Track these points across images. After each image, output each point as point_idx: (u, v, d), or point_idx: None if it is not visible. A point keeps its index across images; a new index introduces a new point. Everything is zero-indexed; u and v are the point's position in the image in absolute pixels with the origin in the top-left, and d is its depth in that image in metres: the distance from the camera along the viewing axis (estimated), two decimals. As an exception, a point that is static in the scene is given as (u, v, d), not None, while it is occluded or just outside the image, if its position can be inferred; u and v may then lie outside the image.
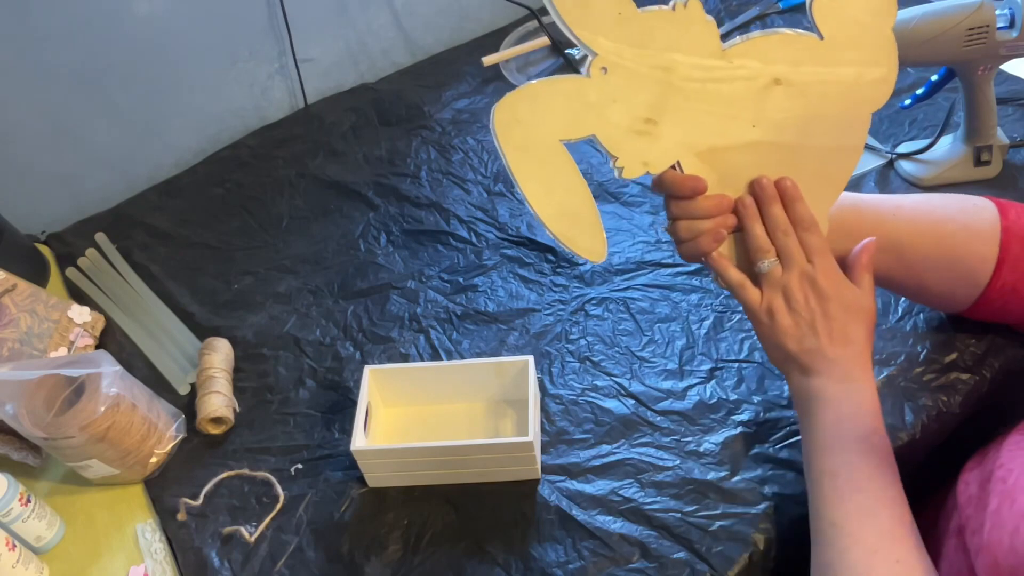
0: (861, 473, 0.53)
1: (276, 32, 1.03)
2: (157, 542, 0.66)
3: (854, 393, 0.56)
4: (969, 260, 0.60)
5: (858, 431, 0.55)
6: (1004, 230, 0.59)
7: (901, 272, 0.62)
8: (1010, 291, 0.60)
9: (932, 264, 0.61)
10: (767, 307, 0.58)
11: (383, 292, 0.83)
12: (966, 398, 0.66)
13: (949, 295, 0.64)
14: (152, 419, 0.68)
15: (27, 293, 0.78)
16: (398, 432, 0.70)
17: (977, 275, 0.60)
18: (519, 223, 0.88)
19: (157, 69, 0.97)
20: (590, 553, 0.61)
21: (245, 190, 0.98)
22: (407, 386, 0.70)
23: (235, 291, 0.86)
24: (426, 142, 1.01)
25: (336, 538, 0.64)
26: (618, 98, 0.52)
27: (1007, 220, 0.59)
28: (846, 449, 0.54)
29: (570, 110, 0.52)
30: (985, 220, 0.60)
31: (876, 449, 0.54)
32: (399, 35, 1.15)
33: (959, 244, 0.60)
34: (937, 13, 0.72)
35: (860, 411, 0.55)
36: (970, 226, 0.60)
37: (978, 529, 0.52)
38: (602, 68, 0.51)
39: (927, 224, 0.61)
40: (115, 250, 0.91)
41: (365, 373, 0.67)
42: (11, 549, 0.61)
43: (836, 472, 0.54)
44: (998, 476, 0.53)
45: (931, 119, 0.90)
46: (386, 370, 0.69)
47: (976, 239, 0.60)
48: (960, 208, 0.61)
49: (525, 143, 0.52)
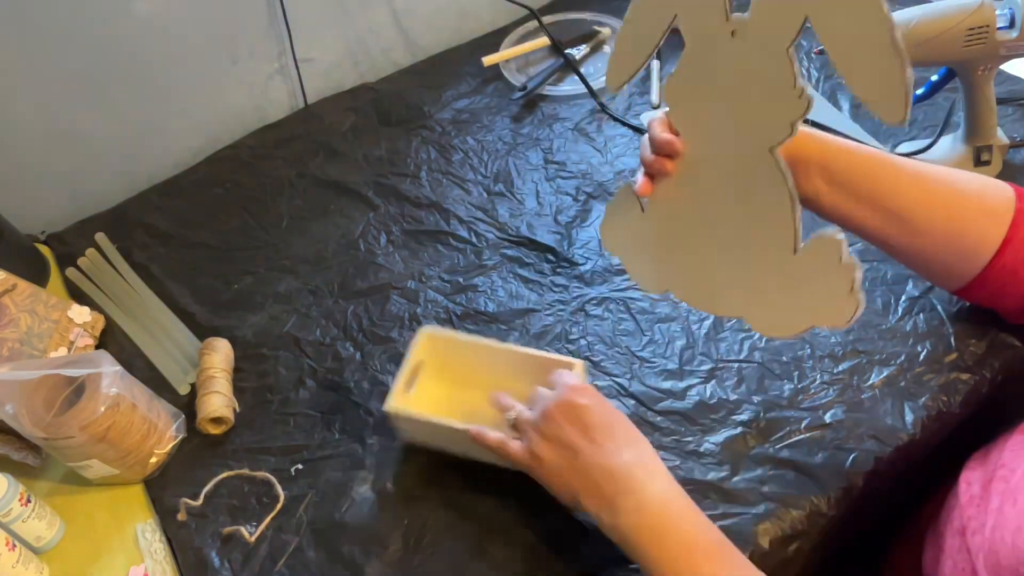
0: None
1: (276, 32, 1.03)
2: (157, 542, 0.66)
3: (654, 499, 0.53)
4: (975, 236, 0.60)
5: (685, 540, 0.51)
6: (1018, 211, 0.59)
7: (904, 238, 0.62)
8: (1010, 273, 0.60)
9: (938, 235, 0.61)
10: (529, 452, 0.58)
11: (383, 292, 0.83)
12: (966, 398, 0.66)
13: (947, 269, 0.63)
14: (152, 419, 0.68)
15: (27, 293, 0.78)
16: (434, 400, 0.70)
17: (980, 253, 0.60)
18: (519, 223, 0.88)
19: (157, 69, 0.97)
20: (591, 553, 0.60)
21: (245, 190, 0.98)
22: (455, 357, 0.70)
23: (235, 291, 0.86)
24: (426, 142, 1.01)
25: (336, 538, 0.64)
26: None
27: (1022, 202, 0.59)
28: (684, 570, 0.51)
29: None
30: (1001, 200, 0.60)
31: (709, 552, 0.51)
32: (399, 35, 1.15)
33: (969, 220, 0.60)
34: (937, 13, 0.72)
35: (672, 519, 0.52)
36: (984, 203, 0.60)
37: (979, 529, 0.52)
38: None
39: (942, 195, 0.60)
40: (115, 250, 0.91)
41: (419, 334, 0.69)
42: (11, 549, 0.61)
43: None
44: (1000, 476, 0.53)
45: (931, 119, 0.90)
46: (440, 336, 0.70)
47: (987, 217, 0.60)
48: (980, 186, 0.61)
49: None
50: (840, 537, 0.65)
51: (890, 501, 0.68)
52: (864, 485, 0.63)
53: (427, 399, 0.70)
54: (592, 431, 0.56)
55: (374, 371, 0.76)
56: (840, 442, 0.64)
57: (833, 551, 0.67)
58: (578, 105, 1.03)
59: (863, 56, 0.50)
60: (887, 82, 0.49)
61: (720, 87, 0.58)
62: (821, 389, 0.68)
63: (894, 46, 0.48)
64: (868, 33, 0.49)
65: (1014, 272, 0.60)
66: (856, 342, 0.71)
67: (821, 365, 0.70)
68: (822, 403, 0.67)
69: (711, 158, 0.61)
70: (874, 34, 0.48)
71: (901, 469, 0.65)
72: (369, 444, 0.70)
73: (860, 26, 0.49)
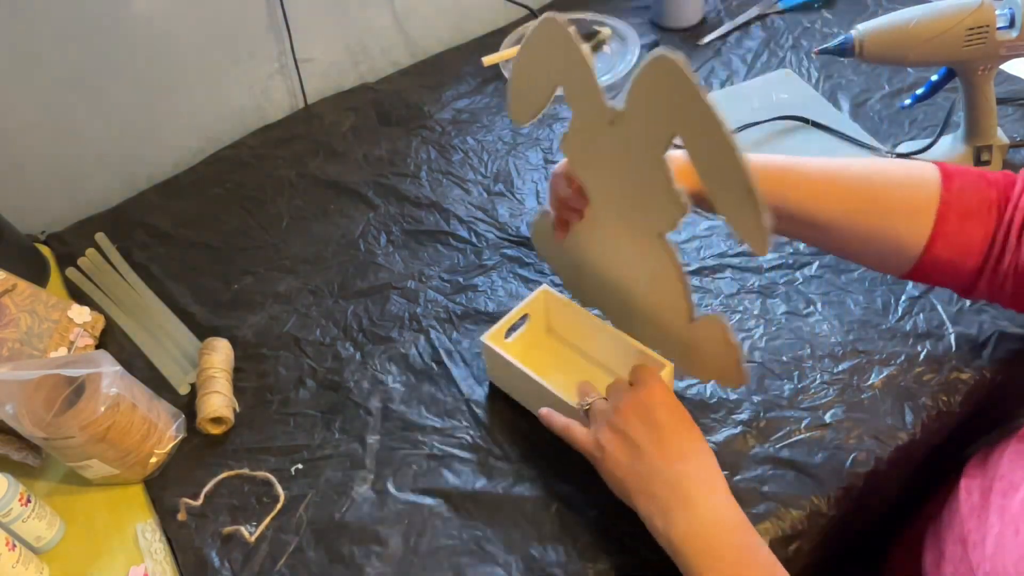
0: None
1: (276, 32, 1.03)
2: (157, 542, 0.66)
3: (709, 515, 0.52)
4: (899, 237, 0.58)
5: (737, 557, 0.51)
6: (942, 203, 0.57)
7: (830, 244, 0.62)
8: (946, 263, 0.58)
9: (862, 239, 0.59)
10: (594, 441, 0.58)
11: (383, 292, 0.83)
12: (966, 398, 0.66)
13: (879, 266, 0.64)
14: (152, 419, 0.68)
15: (27, 293, 0.78)
16: (528, 353, 0.71)
17: (907, 250, 0.58)
18: (519, 223, 0.88)
19: (157, 69, 0.97)
20: (590, 553, 0.61)
21: (245, 190, 0.98)
22: (562, 320, 0.72)
23: (235, 291, 0.86)
24: (426, 142, 1.01)
25: (336, 538, 0.64)
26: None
27: (948, 192, 0.57)
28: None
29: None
30: (924, 193, 0.57)
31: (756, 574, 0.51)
32: (399, 35, 1.15)
33: (891, 221, 0.58)
34: (937, 13, 0.72)
35: (726, 537, 0.52)
36: (907, 201, 0.58)
37: (980, 543, 0.52)
38: None
39: (859, 199, 0.58)
40: (115, 250, 0.91)
41: (537, 290, 0.71)
42: (11, 549, 0.61)
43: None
44: (998, 489, 0.53)
45: (931, 119, 0.90)
46: (555, 298, 0.71)
47: (910, 214, 0.57)
48: (900, 182, 0.59)
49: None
50: (840, 537, 0.65)
51: (890, 501, 0.68)
52: (864, 485, 0.63)
53: (520, 350, 0.71)
54: (660, 432, 0.55)
55: (374, 371, 0.76)
56: (840, 442, 0.64)
57: (833, 551, 0.67)
58: (578, 105, 1.03)
59: (728, 192, 0.51)
60: (749, 221, 0.50)
61: (607, 163, 0.59)
62: (821, 389, 0.68)
63: (751, 191, 0.49)
64: (729, 173, 0.49)
65: (951, 263, 0.58)
66: (856, 342, 0.71)
67: (821, 365, 0.70)
68: (822, 403, 0.67)
69: (609, 219, 0.63)
70: (733, 176, 0.49)
71: (901, 469, 0.65)
72: (369, 444, 0.70)
73: (721, 164, 0.50)
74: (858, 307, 0.74)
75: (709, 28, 1.10)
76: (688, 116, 0.49)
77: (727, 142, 0.48)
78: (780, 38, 1.06)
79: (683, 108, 0.49)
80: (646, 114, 0.53)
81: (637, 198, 0.58)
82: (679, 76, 0.48)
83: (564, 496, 0.64)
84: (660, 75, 0.50)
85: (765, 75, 1.01)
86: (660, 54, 0.49)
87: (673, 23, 1.11)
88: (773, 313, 0.74)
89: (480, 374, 0.74)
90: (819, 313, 0.74)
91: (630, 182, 0.58)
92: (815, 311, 0.74)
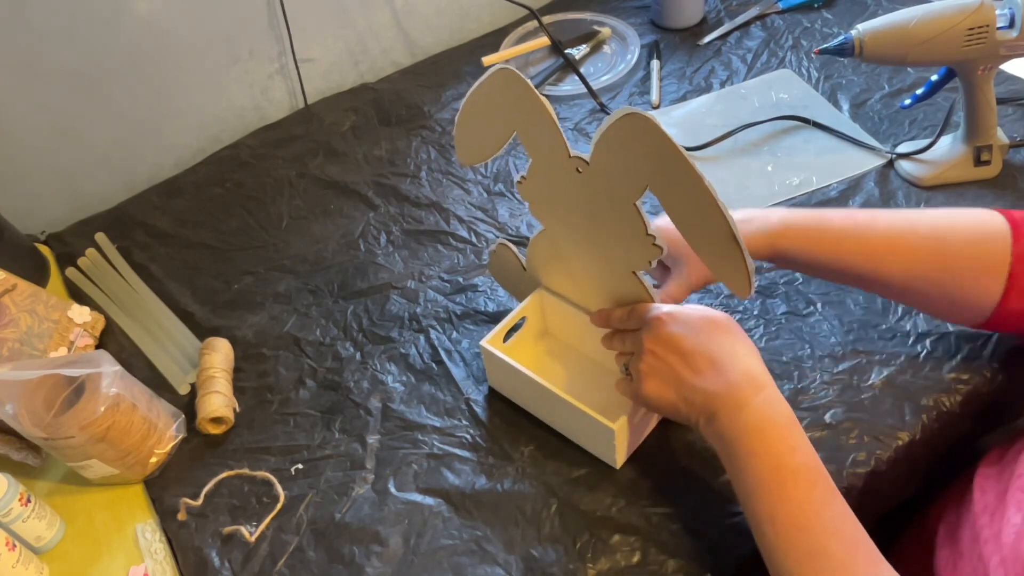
0: (795, 509, 0.50)
1: (276, 32, 1.03)
2: (157, 542, 0.66)
3: (752, 418, 0.53)
4: (970, 296, 0.59)
5: (774, 462, 0.52)
6: (1016, 256, 0.57)
7: (894, 296, 0.63)
8: (1021, 315, 0.58)
9: (929, 299, 0.61)
10: (640, 389, 0.58)
11: (383, 292, 0.83)
12: (966, 398, 0.66)
13: (949, 319, 0.65)
14: (152, 419, 0.68)
15: (27, 293, 0.78)
16: (530, 355, 0.72)
17: (980, 307, 0.59)
18: (519, 223, 0.88)
19: (157, 69, 0.97)
20: (590, 553, 0.61)
21: (245, 190, 0.98)
22: (559, 320, 0.72)
23: (235, 291, 0.86)
24: (426, 142, 1.01)
25: (336, 538, 0.64)
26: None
27: (1019, 244, 0.57)
28: (770, 490, 0.51)
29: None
30: (994, 247, 0.57)
31: (798, 475, 0.51)
32: (399, 35, 1.15)
33: (959, 285, 0.58)
34: (937, 13, 0.72)
35: (767, 437, 0.52)
36: (978, 259, 0.58)
37: (992, 538, 0.52)
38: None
39: (927, 265, 0.59)
40: (115, 250, 0.91)
41: (532, 293, 0.71)
42: (11, 549, 0.61)
43: (773, 517, 0.50)
44: (1018, 486, 0.52)
45: (931, 119, 0.90)
46: (552, 299, 0.70)
47: (981, 276, 0.58)
48: (968, 240, 0.58)
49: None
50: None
51: (890, 501, 0.68)
52: (864, 485, 0.63)
53: (519, 352, 0.71)
54: (691, 358, 0.55)
55: (374, 371, 0.76)
56: (840, 442, 0.64)
57: (833, 551, 0.66)
58: (578, 105, 1.03)
59: (710, 243, 0.51)
60: (731, 269, 0.51)
61: (575, 207, 0.59)
62: (821, 389, 0.68)
63: (733, 240, 0.49)
64: (710, 224, 0.50)
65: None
66: (856, 342, 0.71)
67: (821, 365, 0.70)
68: (822, 403, 0.67)
69: (578, 255, 0.63)
70: (715, 227, 0.50)
71: (901, 469, 0.65)
72: (369, 444, 0.70)
73: (702, 216, 0.50)
74: (858, 307, 0.74)
75: (709, 28, 1.11)
76: (664, 171, 0.50)
77: (707, 195, 0.49)
78: (780, 38, 1.06)
79: (658, 163, 0.50)
80: (617, 167, 0.53)
81: (610, 239, 0.58)
82: (654, 133, 0.49)
83: (564, 496, 0.64)
84: (632, 131, 0.50)
85: (765, 75, 1.01)
86: (630, 111, 0.50)
87: (673, 23, 1.11)
88: (773, 313, 0.74)
89: (480, 374, 0.74)
90: (819, 313, 0.74)
91: (602, 225, 0.58)
92: (815, 311, 0.74)
